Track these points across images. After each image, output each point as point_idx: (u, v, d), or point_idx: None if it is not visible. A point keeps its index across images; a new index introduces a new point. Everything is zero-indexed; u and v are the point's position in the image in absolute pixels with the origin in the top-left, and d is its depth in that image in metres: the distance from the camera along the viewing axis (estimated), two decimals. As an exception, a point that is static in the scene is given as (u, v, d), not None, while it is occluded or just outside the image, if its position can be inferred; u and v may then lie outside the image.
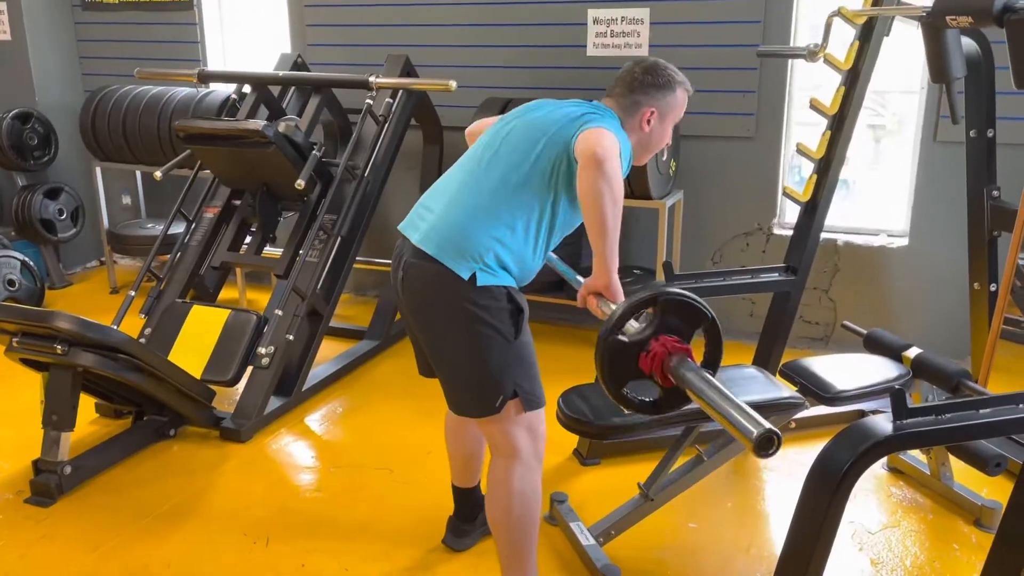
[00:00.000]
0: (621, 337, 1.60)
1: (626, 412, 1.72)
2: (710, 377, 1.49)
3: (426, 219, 2.13)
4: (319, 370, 3.84)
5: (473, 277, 2.01)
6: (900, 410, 1.76)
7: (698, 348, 1.78)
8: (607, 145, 1.91)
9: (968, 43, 3.01)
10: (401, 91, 3.92)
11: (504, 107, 4.07)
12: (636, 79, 2.15)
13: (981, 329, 3.33)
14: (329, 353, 4.03)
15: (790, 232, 3.35)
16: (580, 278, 2.12)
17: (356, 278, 5.07)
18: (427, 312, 2.12)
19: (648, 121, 2.16)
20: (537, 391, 2.14)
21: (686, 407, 2.41)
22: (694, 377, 1.51)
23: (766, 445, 1.35)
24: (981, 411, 1.84)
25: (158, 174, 3.82)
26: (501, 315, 2.06)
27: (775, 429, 1.37)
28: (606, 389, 1.63)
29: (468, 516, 2.60)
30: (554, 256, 2.53)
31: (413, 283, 2.11)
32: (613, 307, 1.92)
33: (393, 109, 3.88)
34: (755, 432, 1.39)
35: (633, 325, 1.68)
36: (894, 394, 1.74)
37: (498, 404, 2.08)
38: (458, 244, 2.03)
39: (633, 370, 1.62)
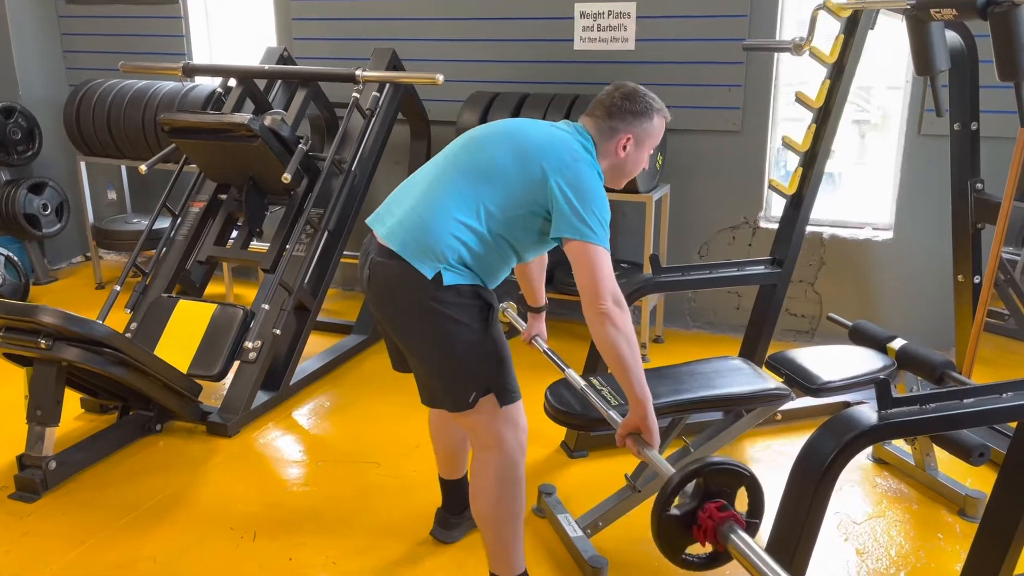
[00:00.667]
0: (673, 511, 1.65)
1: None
2: (757, 547, 1.55)
3: (393, 214, 2.13)
4: (306, 364, 3.83)
5: (438, 276, 2.00)
6: (885, 400, 1.78)
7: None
8: (606, 287, 1.93)
9: (952, 36, 3.03)
10: (388, 85, 3.91)
11: (491, 101, 4.07)
12: (615, 104, 2.14)
13: (965, 321, 3.36)
14: (316, 347, 4.02)
15: (776, 225, 3.36)
16: (618, 416, 2.13)
17: (344, 272, 5.06)
18: (394, 310, 2.12)
19: (624, 147, 2.15)
20: (511, 385, 2.14)
21: (674, 399, 2.44)
22: (743, 547, 1.57)
23: None
24: (965, 401, 1.86)
25: (143, 168, 3.79)
26: (469, 311, 2.05)
27: None
28: (666, 557, 1.68)
29: (456, 508, 2.60)
30: (594, 394, 2.35)
31: (379, 282, 2.11)
32: (651, 454, 1.96)
33: (380, 103, 3.87)
34: None
35: (681, 497, 1.73)
36: (879, 384, 1.76)
37: (471, 400, 2.08)
38: (422, 242, 2.02)
39: (687, 537, 1.68)
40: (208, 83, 4.67)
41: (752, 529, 1.70)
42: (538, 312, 2.67)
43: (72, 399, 3.36)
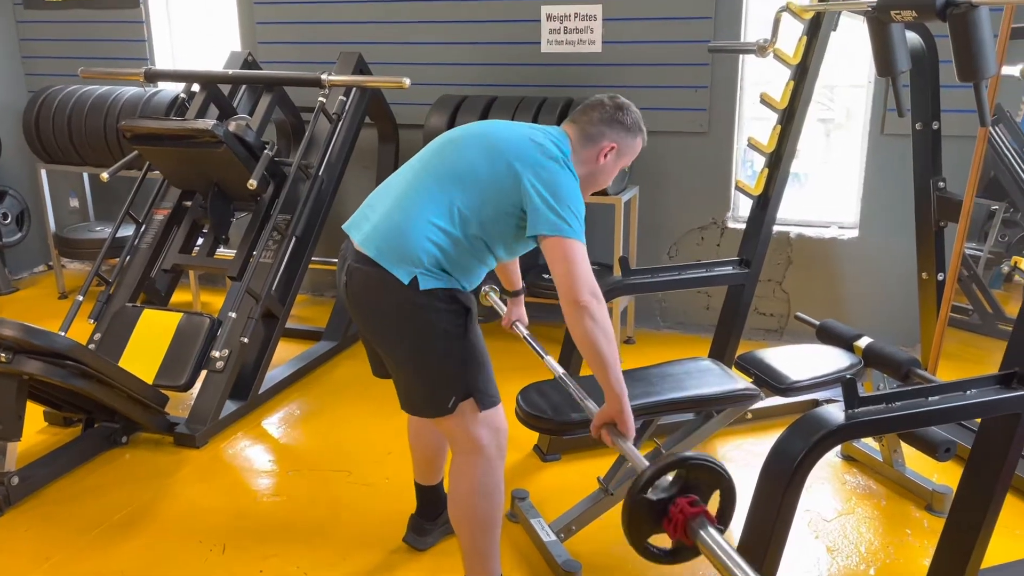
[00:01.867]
0: (648, 496, 1.65)
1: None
2: (726, 544, 1.55)
3: (369, 219, 2.12)
4: (276, 372, 3.79)
5: (414, 281, 2.00)
6: (851, 399, 1.79)
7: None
8: (583, 281, 1.92)
9: (913, 37, 3.07)
10: (354, 89, 3.88)
11: (459, 104, 4.06)
12: (607, 112, 2.15)
13: (929, 317, 3.41)
14: (286, 355, 3.98)
15: (744, 225, 3.39)
16: (593, 406, 2.12)
17: (313, 278, 5.01)
18: (372, 316, 2.11)
19: (605, 155, 2.16)
20: (490, 389, 2.14)
21: (645, 401, 2.44)
22: (713, 545, 1.56)
23: None
24: (930, 399, 1.88)
25: (105, 175, 3.73)
26: (446, 316, 2.05)
27: None
28: (630, 542, 1.67)
29: (430, 514, 2.59)
30: (572, 382, 2.34)
31: (356, 288, 2.10)
32: (626, 445, 1.96)
33: (347, 107, 3.84)
34: None
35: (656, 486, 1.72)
36: (845, 384, 1.78)
37: (450, 405, 2.08)
38: (398, 247, 2.02)
39: (656, 527, 1.67)
40: (171, 88, 4.60)
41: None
42: (516, 296, 2.67)
43: (35, 412, 3.29)
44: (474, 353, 2.10)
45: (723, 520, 1.72)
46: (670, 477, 1.68)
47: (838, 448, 3.10)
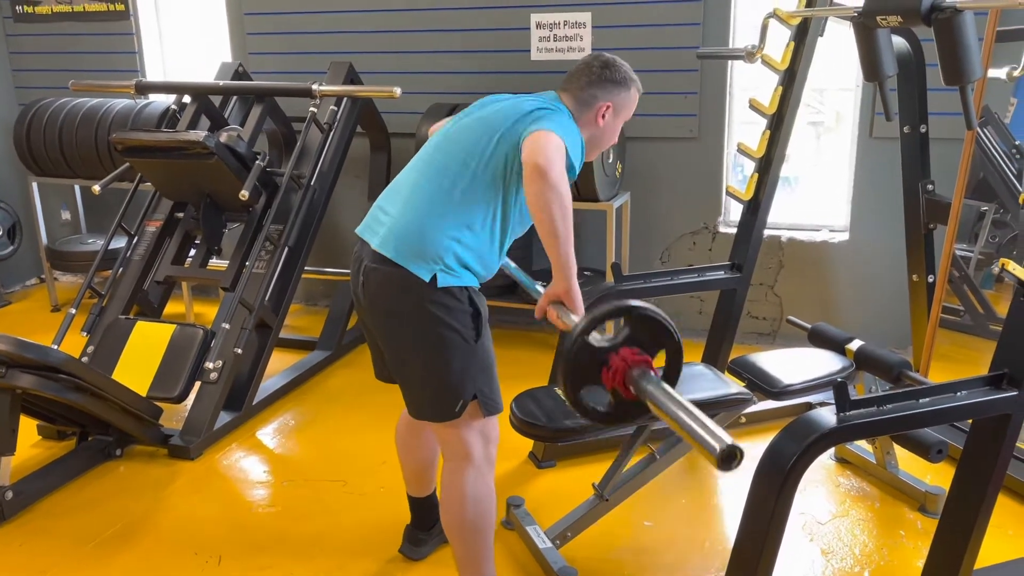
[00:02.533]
0: (588, 341, 1.61)
1: (579, 418, 1.71)
2: (671, 391, 1.50)
3: (383, 222, 2.12)
4: (270, 383, 3.78)
5: (434, 279, 2.00)
6: (843, 403, 1.80)
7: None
8: (549, 154, 1.90)
9: (899, 42, 3.10)
10: (345, 98, 3.89)
11: (450, 112, 4.06)
12: (594, 73, 2.16)
13: (920, 319, 3.43)
14: (280, 365, 3.97)
15: (735, 230, 3.40)
16: (540, 287, 2.10)
17: (307, 288, 5.01)
18: (388, 316, 2.11)
19: (603, 116, 2.17)
20: (496, 396, 2.15)
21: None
22: (655, 390, 1.51)
23: (729, 460, 1.37)
24: (921, 401, 1.89)
25: (96, 188, 3.73)
26: (463, 317, 2.05)
27: (737, 445, 1.39)
28: (564, 392, 1.64)
29: (424, 525, 2.59)
30: (512, 264, 2.53)
31: (373, 288, 2.10)
32: (574, 319, 1.92)
33: (338, 117, 3.84)
34: (718, 447, 1.40)
35: (596, 337, 1.68)
36: (836, 388, 1.79)
37: (458, 408, 2.08)
38: (416, 246, 2.02)
39: (594, 377, 1.63)
40: (162, 100, 4.60)
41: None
42: None
43: (28, 426, 3.28)
44: (484, 357, 2.11)
45: (668, 379, 1.66)
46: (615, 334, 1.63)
47: (832, 451, 3.11)
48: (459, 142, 2.12)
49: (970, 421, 2.10)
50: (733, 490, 2.98)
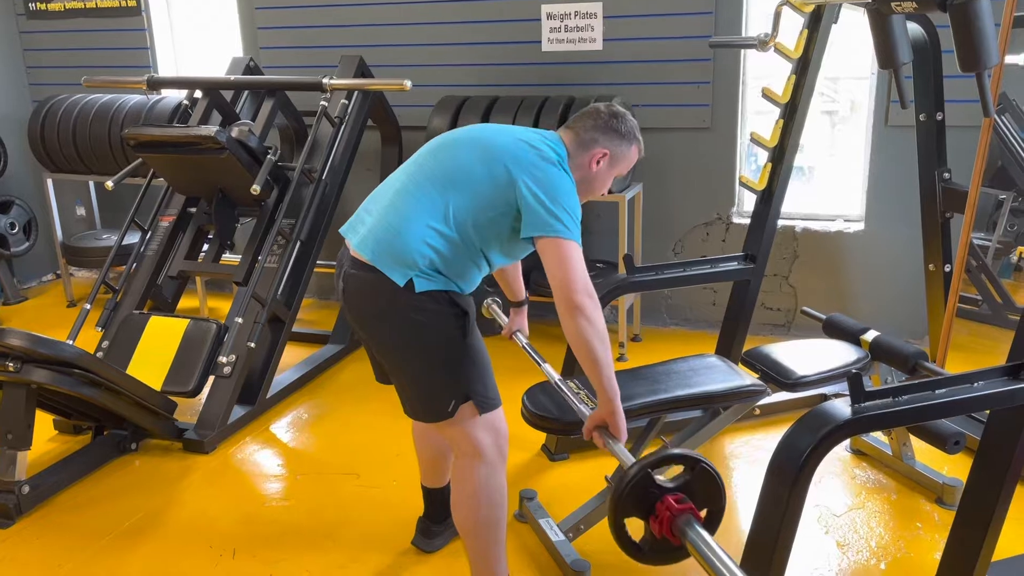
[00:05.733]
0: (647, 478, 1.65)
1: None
2: (713, 543, 1.53)
3: (365, 222, 2.12)
4: (283, 377, 3.80)
5: (410, 283, 1.99)
6: (858, 394, 1.78)
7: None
8: (579, 281, 1.91)
9: (914, 28, 3.05)
10: (356, 92, 3.88)
11: (460, 105, 4.05)
12: (602, 119, 2.15)
13: (937, 309, 3.39)
14: (293, 359, 3.98)
15: (749, 220, 3.37)
16: (587, 409, 2.12)
17: (319, 282, 5.02)
18: (370, 321, 2.11)
19: (598, 161, 2.15)
20: (490, 393, 2.13)
21: (651, 399, 2.43)
22: (699, 542, 1.55)
23: None
24: (937, 392, 1.87)
25: (109, 184, 3.75)
26: (444, 319, 2.05)
27: None
28: (610, 521, 1.68)
29: (438, 517, 2.59)
30: (567, 389, 2.34)
31: (353, 294, 2.10)
32: (616, 448, 1.95)
33: (349, 110, 3.84)
34: None
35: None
36: (851, 379, 1.77)
37: (450, 409, 2.07)
38: (393, 249, 2.01)
39: (641, 514, 1.69)
40: (174, 96, 4.62)
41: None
42: (519, 307, 2.65)
43: (44, 421, 3.31)
44: (473, 356, 2.10)
45: (710, 525, 1.70)
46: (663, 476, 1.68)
47: (847, 442, 3.09)
48: (455, 157, 2.10)
49: (987, 412, 2.07)
50: (746, 482, 2.96)
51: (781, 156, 3.18)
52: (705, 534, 1.57)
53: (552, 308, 2.12)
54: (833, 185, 5.37)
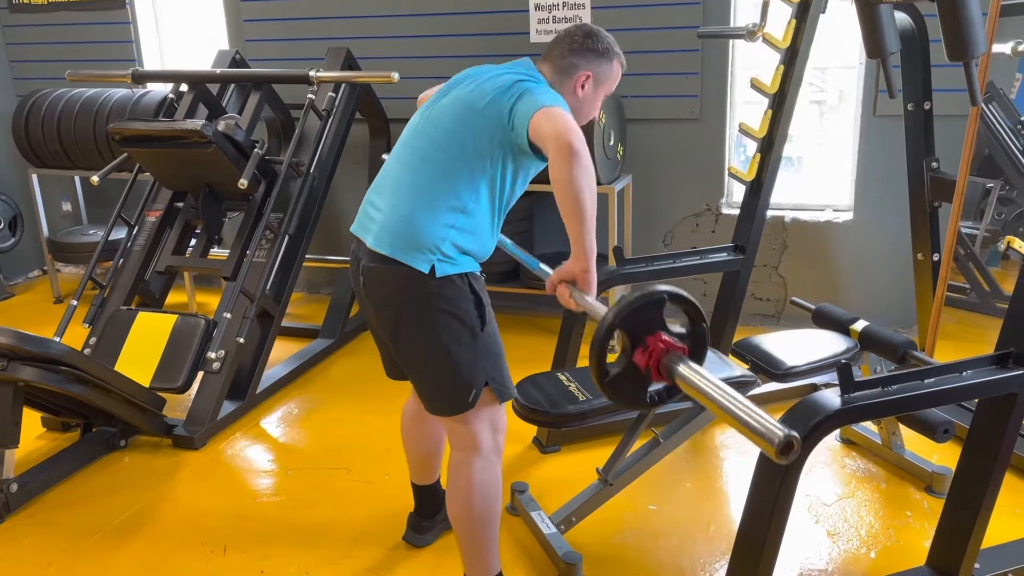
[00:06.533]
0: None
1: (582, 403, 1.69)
2: (715, 379, 1.47)
3: (375, 218, 2.09)
4: (273, 372, 3.78)
5: (433, 269, 1.98)
6: (847, 384, 1.79)
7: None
8: (574, 129, 1.86)
9: (902, 17, 3.05)
10: (344, 85, 3.86)
11: (449, 97, 4.03)
12: (576, 42, 2.11)
13: (926, 298, 3.40)
14: (283, 354, 3.97)
15: (738, 211, 3.37)
16: (544, 266, 2.07)
17: (308, 276, 5.00)
18: (392, 313, 2.07)
19: (583, 86, 2.12)
20: (507, 382, 2.13)
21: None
22: (697, 378, 1.50)
23: (787, 450, 1.33)
24: (926, 381, 1.88)
25: (95, 179, 3.72)
26: (466, 306, 2.03)
27: (794, 433, 1.34)
28: (592, 366, 1.61)
29: (428, 512, 2.58)
30: (508, 241, 2.51)
31: (374, 287, 2.08)
32: (589, 300, 1.90)
33: (336, 103, 3.82)
34: (775, 439, 1.34)
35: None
36: (840, 369, 1.77)
37: (471, 399, 2.06)
38: (411, 239, 1.99)
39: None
40: (160, 89, 4.58)
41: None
42: None
43: (32, 418, 3.29)
44: (491, 344, 2.09)
45: (696, 357, 1.64)
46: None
47: (837, 432, 3.10)
48: (440, 125, 2.08)
49: (976, 400, 2.08)
50: (737, 472, 2.97)
51: (770, 146, 3.18)
52: (696, 366, 1.53)
53: (544, 300, 2.11)
54: (822, 175, 5.38)
